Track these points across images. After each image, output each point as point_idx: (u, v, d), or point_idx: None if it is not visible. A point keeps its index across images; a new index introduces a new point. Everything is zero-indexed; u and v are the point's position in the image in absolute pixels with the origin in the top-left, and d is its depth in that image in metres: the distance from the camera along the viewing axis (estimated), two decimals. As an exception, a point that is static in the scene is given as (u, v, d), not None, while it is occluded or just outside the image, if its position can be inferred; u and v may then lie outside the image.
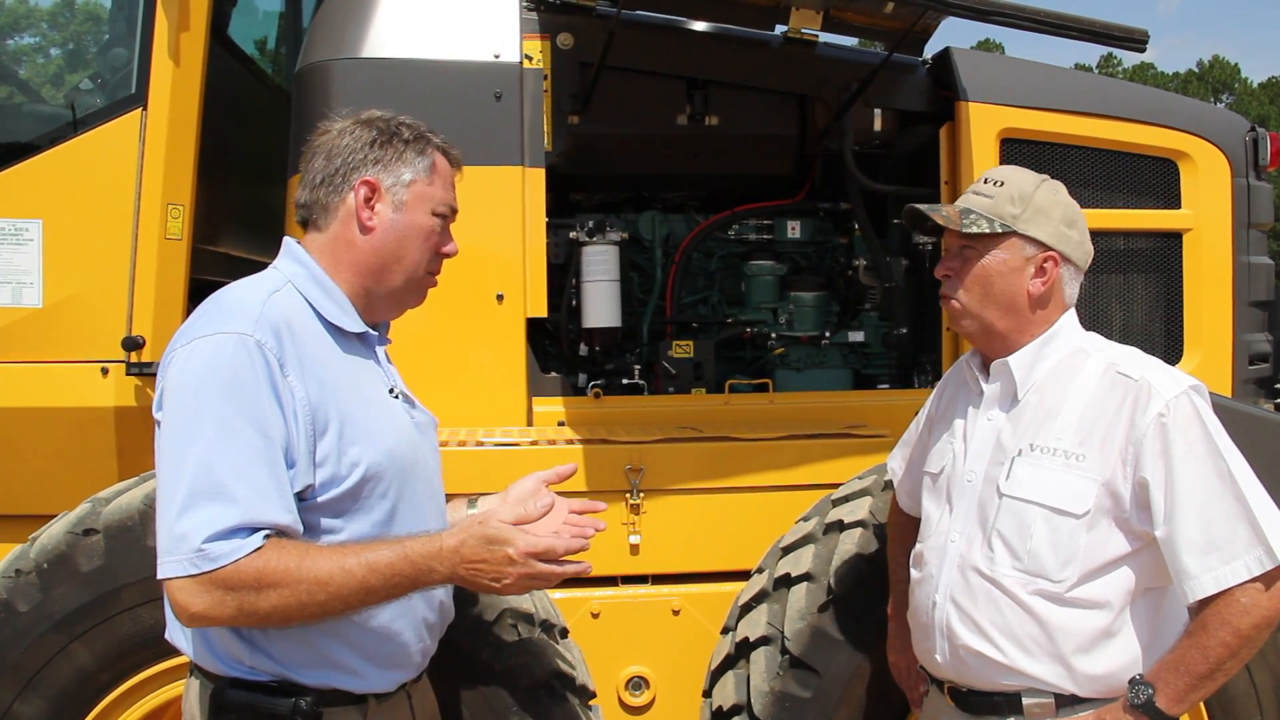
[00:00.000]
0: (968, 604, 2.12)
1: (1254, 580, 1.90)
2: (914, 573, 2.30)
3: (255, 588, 1.69)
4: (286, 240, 2.04)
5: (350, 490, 1.86)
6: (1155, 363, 2.10)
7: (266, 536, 1.72)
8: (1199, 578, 1.92)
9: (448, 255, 2.10)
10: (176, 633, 1.92)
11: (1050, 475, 2.06)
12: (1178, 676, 1.94)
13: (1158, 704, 1.94)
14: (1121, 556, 2.03)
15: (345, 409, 1.87)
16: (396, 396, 2.05)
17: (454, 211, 2.09)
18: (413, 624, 1.98)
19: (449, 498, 2.22)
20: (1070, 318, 2.20)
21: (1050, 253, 2.14)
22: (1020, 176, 2.20)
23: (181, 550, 1.69)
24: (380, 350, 2.10)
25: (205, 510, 1.69)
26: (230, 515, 1.70)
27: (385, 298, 2.04)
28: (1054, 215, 2.15)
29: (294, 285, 1.94)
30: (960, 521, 2.18)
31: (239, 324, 1.80)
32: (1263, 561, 1.89)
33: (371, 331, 2.04)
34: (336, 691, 1.88)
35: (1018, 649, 2.06)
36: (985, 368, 2.25)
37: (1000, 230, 2.13)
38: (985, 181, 2.22)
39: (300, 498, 1.81)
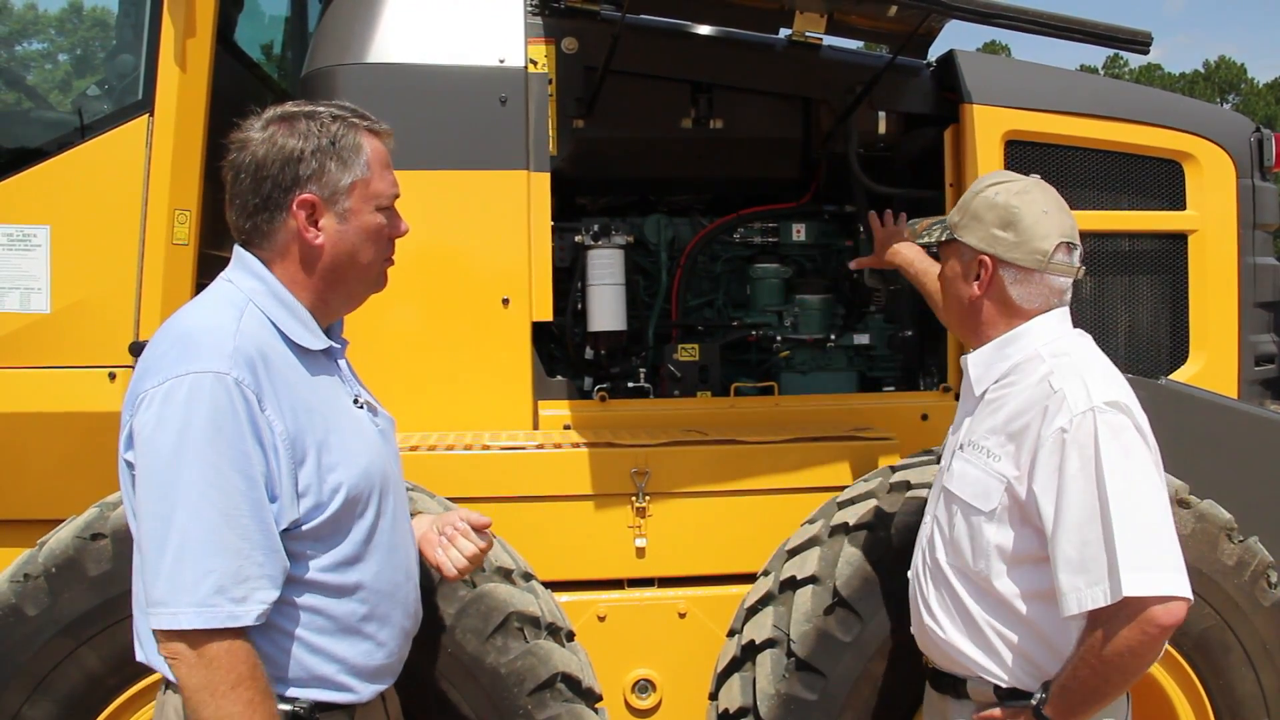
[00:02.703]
0: (924, 583, 2.28)
1: (1112, 609, 1.92)
2: None
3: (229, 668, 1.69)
4: (238, 250, 1.92)
5: (333, 516, 1.83)
6: (1086, 376, 2.07)
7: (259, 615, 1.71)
8: (1067, 596, 1.98)
9: (400, 236, 2.00)
10: (155, 656, 1.83)
11: (972, 471, 2.16)
12: (1061, 693, 2.03)
13: (1045, 711, 2.04)
14: (1032, 557, 2.08)
15: (320, 434, 1.83)
16: (361, 407, 2.00)
17: (397, 195, 1.98)
18: (396, 634, 1.98)
19: None
20: (1043, 321, 2.19)
21: (980, 256, 2.18)
22: (979, 182, 2.26)
23: (193, 599, 1.67)
24: (340, 359, 2.03)
25: (204, 563, 1.67)
26: (229, 570, 1.68)
27: (344, 299, 1.98)
28: (986, 219, 2.18)
29: (255, 303, 1.85)
30: (932, 506, 2.33)
31: (214, 361, 1.72)
32: (1109, 593, 1.92)
33: (336, 345, 1.98)
34: (325, 704, 1.87)
35: (956, 630, 2.19)
36: None
37: (944, 238, 2.25)
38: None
39: (285, 530, 1.78)
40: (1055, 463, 2.00)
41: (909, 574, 2.38)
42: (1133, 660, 1.94)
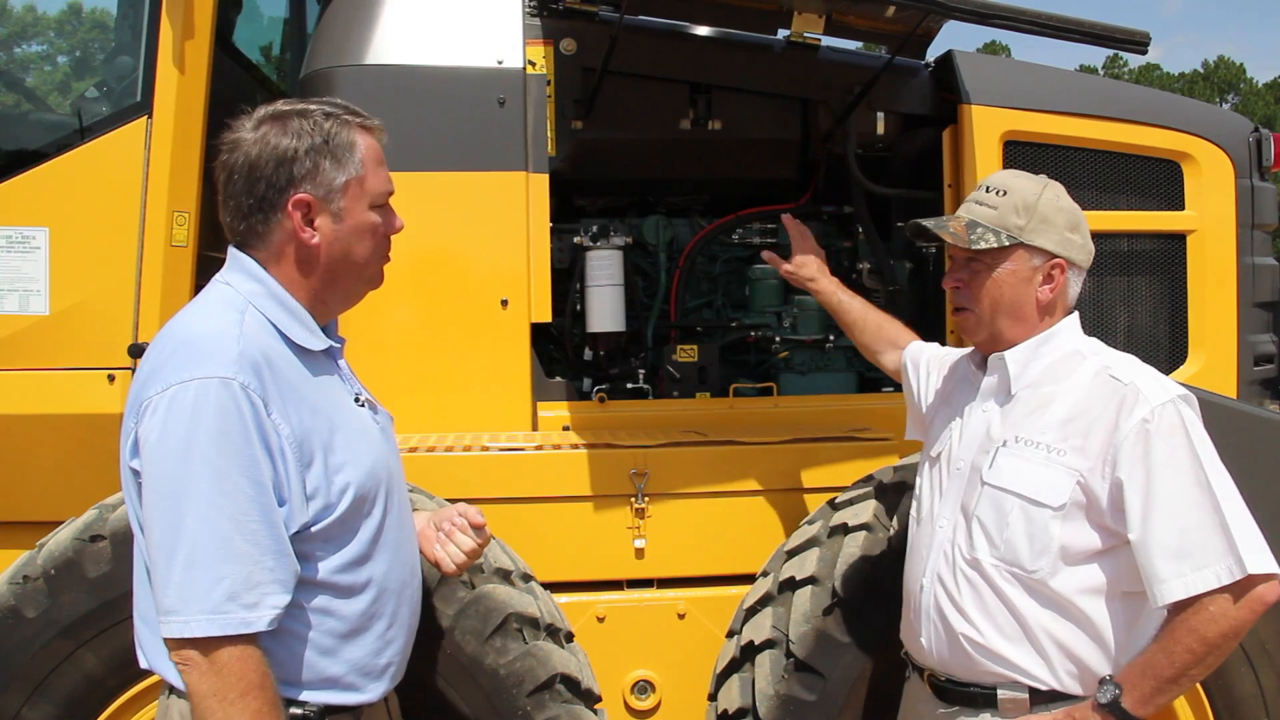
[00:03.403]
0: (952, 587, 2.20)
1: (1222, 590, 1.94)
2: (907, 555, 2.39)
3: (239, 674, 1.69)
4: (233, 252, 1.91)
5: (342, 516, 1.83)
6: (1147, 370, 2.15)
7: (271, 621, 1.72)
8: (1169, 582, 1.97)
9: (396, 232, 2.00)
10: (160, 660, 1.84)
11: (1030, 467, 2.12)
12: (1144, 679, 1.99)
13: (1123, 704, 1.99)
14: (1094, 552, 2.09)
15: (326, 435, 1.83)
16: (362, 405, 2.00)
17: (391, 192, 1.97)
18: (401, 631, 1.99)
19: None
20: (1072, 320, 2.26)
21: (1057, 260, 2.20)
22: (1023, 184, 2.23)
23: (205, 606, 1.67)
24: (339, 357, 2.03)
25: (215, 570, 1.67)
26: (240, 576, 1.68)
27: (342, 298, 1.98)
28: (1058, 223, 2.20)
29: (254, 306, 1.84)
30: (948, 508, 2.26)
31: (219, 366, 1.71)
32: (1232, 571, 1.93)
33: (335, 344, 1.98)
34: (334, 707, 1.88)
35: (997, 633, 2.13)
36: (984, 362, 2.32)
37: (1007, 243, 2.19)
38: (987, 190, 2.26)
39: (295, 532, 1.78)
40: (1139, 453, 2.02)
41: (922, 581, 2.28)
42: (1233, 640, 1.97)
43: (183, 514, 1.68)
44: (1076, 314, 2.27)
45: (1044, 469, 2.11)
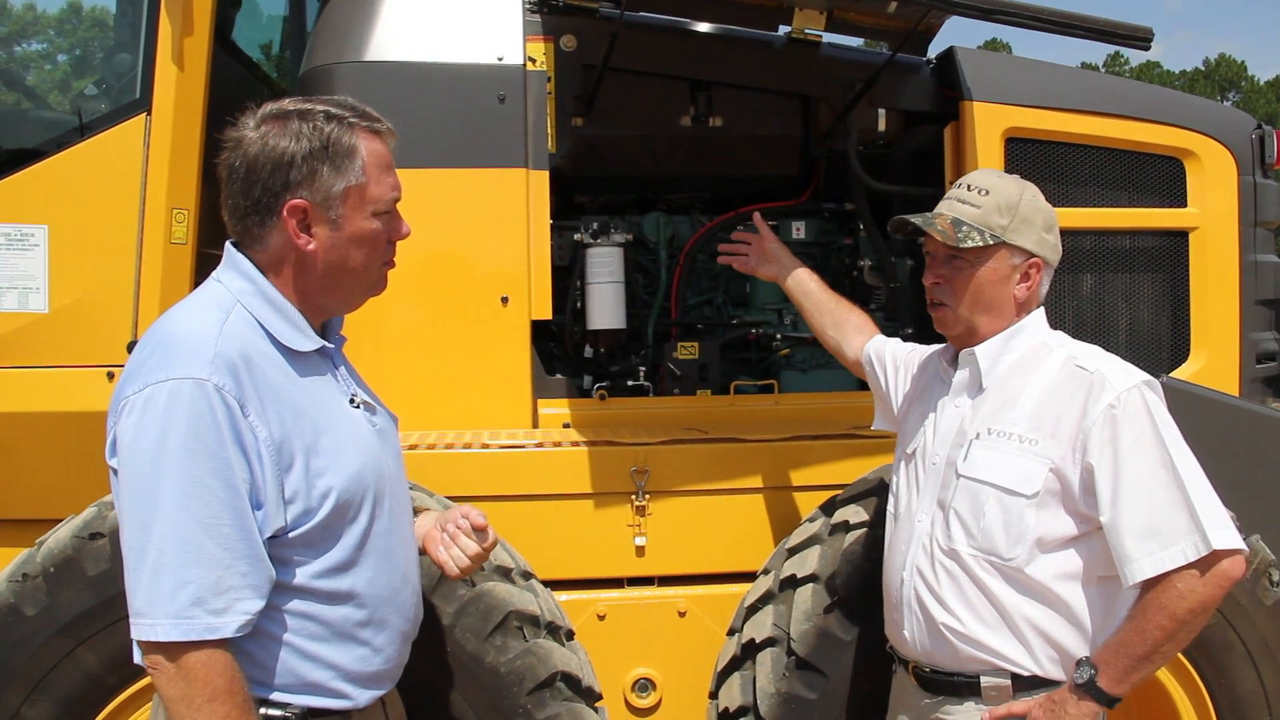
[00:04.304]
0: (932, 579, 2.25)
1: (1190, 566, 1.99)
2: (886, 551, 2.44)
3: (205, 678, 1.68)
4: (229, 250, 1.87)
5: (323, 521, 1.80)
6: (1112, 358, 2.21)
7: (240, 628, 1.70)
8: (1138, 561, 2.02)
9: (401, 239, 1.95)
10: None
11: (1003, 458, 2.18)
12: (1119, 658, 2.04)
13: (1099, 683, 2.05)
14: (1069, 538, 2.14)
15: (309, 438, 1.79)
16: (357, 406, 1.96)
17: (397, 198, 1.90)
18: (392, 639, 1.96)
19: None
20: (1038, 314, 2.33)
21: (1034, 260, 2.27)
22: (1005, 185, 2.30)
23: (170, 610, 1.65)
24: (337, 357, 1.99)
25: (182, 574, 1.65)
26: (208, 580, 1.66)
27: (340, 303, 1.94)
28: (1036, 223, 2.27)
29: (242, 304, 1.81)
30: (926, 502, 2.31)
31: (194, 366, 1.68)
32: (1198, 548, 1.99)
33: (329, 345, 1.94)
34: (318, 710, 1.85)
35: (978, 622, 2.18)
36: (955, 359, 2.38)
37: (991, 242, 2.24)
38: (969, 189, 2.32)
39: (272, 536, 1.76)
40: (1107, 438, 2.08)
41: (902, 575, 2.32)
42: (1203, 616, 2.02)
43: (152, 516, 1.66)
44: (1042, 309, 2.34)
45: (1017, 459, 2.16)
